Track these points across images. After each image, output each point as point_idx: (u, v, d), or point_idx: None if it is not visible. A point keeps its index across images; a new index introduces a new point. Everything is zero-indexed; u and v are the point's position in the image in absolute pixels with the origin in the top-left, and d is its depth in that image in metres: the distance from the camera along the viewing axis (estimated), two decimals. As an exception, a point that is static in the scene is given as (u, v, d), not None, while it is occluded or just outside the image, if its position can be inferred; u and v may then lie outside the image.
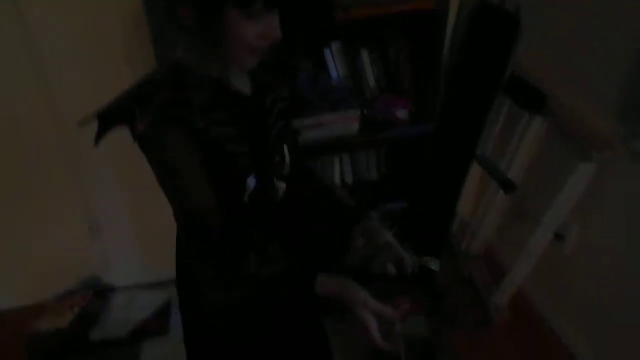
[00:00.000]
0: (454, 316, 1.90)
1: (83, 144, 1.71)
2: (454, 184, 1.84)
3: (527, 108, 1.65)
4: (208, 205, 0.79)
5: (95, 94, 1.58)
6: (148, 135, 0.73)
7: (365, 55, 1.65)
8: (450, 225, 2.04)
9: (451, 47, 1.70)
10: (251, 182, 0.85)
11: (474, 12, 1.69)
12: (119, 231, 1.94)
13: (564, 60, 1.62)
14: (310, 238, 1.10)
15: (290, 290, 0.83)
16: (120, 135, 1.77)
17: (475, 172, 2.07)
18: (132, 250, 2.00)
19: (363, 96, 1.71)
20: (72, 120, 1.60)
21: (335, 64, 1.67)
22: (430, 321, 1.88)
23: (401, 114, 1.64)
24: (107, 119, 0.77)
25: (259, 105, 0.89)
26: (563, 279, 1.79)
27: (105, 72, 1.60)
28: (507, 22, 1.53)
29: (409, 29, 1.58)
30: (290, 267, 0.84)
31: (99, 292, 1.97)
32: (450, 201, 1.87)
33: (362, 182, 1.94)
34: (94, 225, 1.91)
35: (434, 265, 0.93)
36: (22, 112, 1.62)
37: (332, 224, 1.06)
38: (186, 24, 0.75)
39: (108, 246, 1.96)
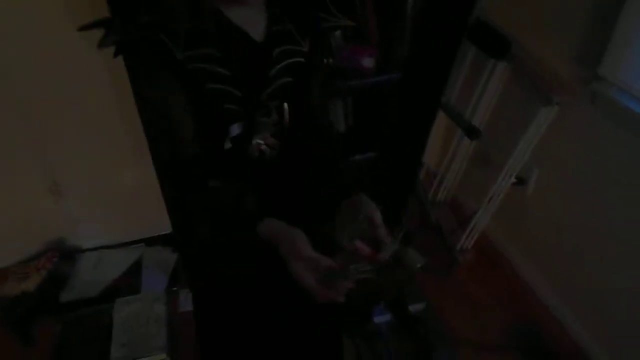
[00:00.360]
0: (422, 261, 1.97)
1: (37, 101, 1.63)
2: (420, 132, 1.86)
3: (491, 54, 1.66)
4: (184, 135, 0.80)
5: (47, 51, 1.51)
6: (124, 54, 0.75)
7: (329, 4, 1.60)
8: (417, 173, 2.08)
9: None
10: (234, 129, 0.81)
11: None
12: (82, 192, 1.88)
13: (527, 5, 1.62)
14: (298, 199, 1.04)
15: (236, 217, 0.82)
16: (79, 90, 1.68)
17: (440, 122, 2.09)
18: (98, 210, 1.95)
19: (329, 45, 1.67)
20: (24, 76, 1.53)
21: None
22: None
23: (367, 62, 1.62)
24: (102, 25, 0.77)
25: (265, 53, 0.83)
26: (524, 220, 1.87)
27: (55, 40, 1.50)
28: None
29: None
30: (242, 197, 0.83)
31: (65, 255, 1.92)
32: (416, 149, 1.90)
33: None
34: (54, 187, 1.84)
35: (415, 260, 0.82)
36: None
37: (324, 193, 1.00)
38: None
39: (71, 207, 1.90)
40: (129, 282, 1.86)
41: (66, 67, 1.57)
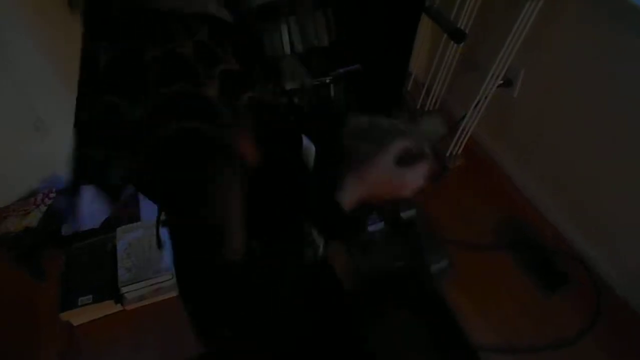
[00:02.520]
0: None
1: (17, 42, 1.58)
2: (405, 40, 1.82)
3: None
4: None
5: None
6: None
7: None
8: (403, 83, 2.06)
9: None
10: None
11: None
12: (66, 126, 1.87)
13: None
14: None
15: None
16: (53, 17, 1.60)
17: (426, 30, 2.04)
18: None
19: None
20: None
21: None
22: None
23: (345, -33, 1.54)
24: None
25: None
26: (511, 121, 1.88)
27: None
28: None
29: None
30: None
31: (63, 190, 1.95)
32: (402, 59, 1.86)
33: (313, 50, 1.89)
34: (40, 124, 1.83)
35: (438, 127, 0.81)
36: None
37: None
38: None
39: (59, 143, 1.90)
40: (129, 212, 1.91)
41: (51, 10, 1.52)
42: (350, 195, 0.72)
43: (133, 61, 0.53)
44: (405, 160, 0.73)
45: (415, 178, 0.74)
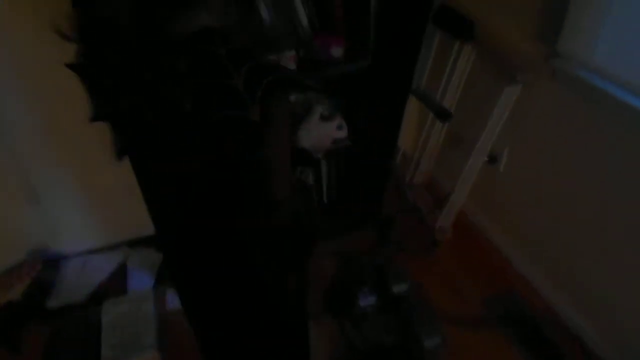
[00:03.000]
0: (402, 241, 2.02)
1: (9, 107, 1.62)
2: (393, 118, 1.90)
3: (456, 36, 1.71)
4: None
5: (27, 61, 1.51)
6: None
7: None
8: (392, 158, 2.12)
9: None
10: None
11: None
12: (59, 196, 1.88)
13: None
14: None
15: None
16: (51, 91, 1.65)
17: (414, 106, 2.14)
18: (78, 215, 1.95)
19: (297, 37, 1.69)
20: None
21: (265, 5, 1.63)
22: (381, 249, 1.99)
23: (336, 52, 1.65)
24: None
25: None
26: (498, 196, 1.93)
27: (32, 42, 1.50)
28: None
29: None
30: None
31: (49, 262, 1.92)
32: (390, 135, 1.94)
33: (305, 125, 1.96)
34: (31, 194, 1.83)
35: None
36: None
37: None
38: None
39: (50, 213, 1.89)
40: (115, 284, 1.87)
41: (39, 70, 1.57)
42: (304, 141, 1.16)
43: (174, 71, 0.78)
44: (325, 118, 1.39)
45: (332, 127, 1.15)
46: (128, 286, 1.87)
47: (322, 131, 1.72)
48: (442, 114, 1.77)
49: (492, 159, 1.84)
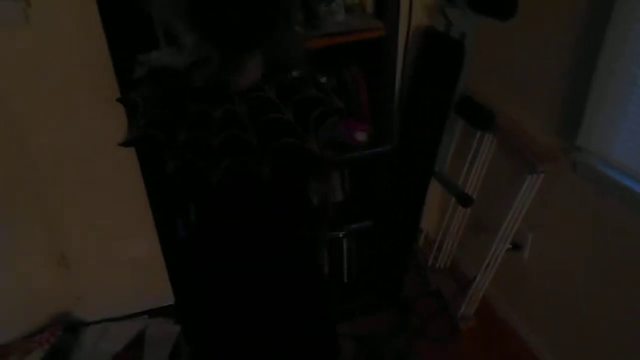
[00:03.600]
0: (423, 328, 1.97)
1: (50, 173, 1.73)
2: (416, 201, 1.93)
3: (477, 127, 1.76)
4: None
5: (62, 127, 1.63)
6: None
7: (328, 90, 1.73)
8: (414, 240, 2.12)
9: (403, 72, 1.81)
10: None
11: (423, 40, 1.81)
12: (88, 263, 1.94)
13: (509, 79, 1.74)
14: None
15: None
16: (89, 164, 1.77)
17: (437, 189, 2.16)
18: (103, 282, 1.99)
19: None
20: (36, 148, 1.63)
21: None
22: (400, 334, 1.94)
23: (360, 136, 1.72)
24: None
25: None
26: (523, 284, 1.88)
27: (70, 106, 1.64)
28: (453, 48, 1.65)
29: (364, 56, 1.67)
30: None
31: (69, 328, 1.94)
32: (412, 217, 1.96)
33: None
34: (62, 259, 1.90)
35: None
36: None
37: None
38: None
39: (78, 280, 1.94)
40: (132, 356, 1.87)
41: (79, 139, 1.70)
42: None
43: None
44: None
45: None
46: (144, 356, 1.87)
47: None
48: (464, 199, 1.79)
49: (516, 246, 1.82)
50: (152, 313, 2.05)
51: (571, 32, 1.42)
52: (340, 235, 1.91)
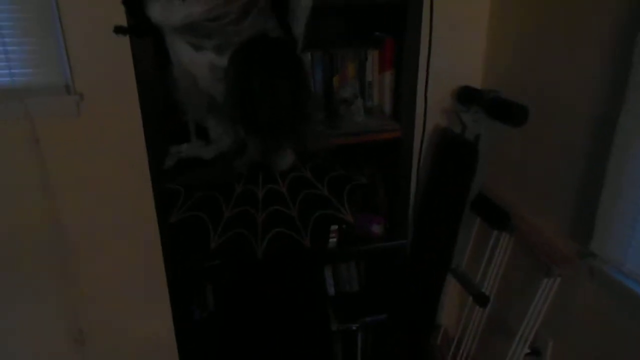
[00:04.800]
0: None
1: (77, 248, 1.82)
2: (431, 297, 1.91)
3: (492, 226, 1.78)
4: None
5: (94, 207, 1.75)
6: None
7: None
8: (430, 336, 2.07)
9: (419, 170, 1.89)
10: None
11: (438, 140, 1.90)
12: (103, 341, 1.97)
13: (523, 180, 1.78)
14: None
15: None
16: (114, 244, 1.86)
17: (456, 285, 2.14)
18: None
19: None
20: (64, 222, 1.74)
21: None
22: None
23: (376, 229, 1.77)
24: None
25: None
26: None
27: (105, 190, 1.77)
28: (467, 150, 1.72)
29: (382, 154, 1.76)
30: None
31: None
32: (428, 313, 1.93)
33: (344, 294, 2.01)
34: (78, 335, 1.93)
35: None
36: (15, 212, 1.74)
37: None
38: None
39: (92, 356, 1.96)
40: None
41: (109, 220, 1.80)
42: None
43: None
44: None
45: None
46: None
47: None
48: (480, 299, 1.76)
49: (536, 352, 1.75)
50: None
51: (581, 136, 1.47)
52: (354, 327, 1.89)
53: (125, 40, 1.28)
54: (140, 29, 1.21)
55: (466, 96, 1.82)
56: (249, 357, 1.26)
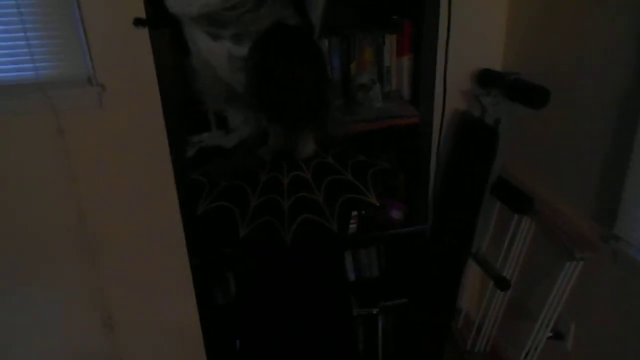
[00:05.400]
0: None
1: (101, 237, 1.87)
2: (452, 282, 1.91)
3: (514, 210, 1.76)
4: None
5: (119, 197, 1.79)
6: None
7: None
8: (450, 321, 2.07)
9: (438, 155, 1.88)
10: None
11: (458, 125, 1.88)
12: (133, 327, 2.02)
13: (545, 163, 1.76)
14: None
15: None
16: (140, 232, 1.89)
17: (478, 268, 2.14)
18: (145, 347, 2.07)
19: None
20: (90, 212, 1.79)
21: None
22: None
23: (396, 215, 1.77)
24: None
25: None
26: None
27: (129, 181, 1.81)
28: (487, 134, 1.70)
29: (401, 140, 1.75)
30: None
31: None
32: (449, 297, 1.93)
33: (364, 279, 2.03)
34: (108, 320, 1.99)
35: None
36: (43, 203, 1.79)
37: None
38: None
39: (121, 343, 2.03)
40: None
41: (134, 210, 1.85)
42: None
43: None
44: None
45: None
46: None
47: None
48: (501, 283, 1.76)
49: (558, 335, 1.74)
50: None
51: (605, 117, 1.45)
52: (375, 312, 1.91)
53: (144, 32, 1.29)
54: (159, 20, 1.22)
55: (486, 79, 1.80)
56: (271, 341, 1.28)
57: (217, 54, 1.27)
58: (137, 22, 1.24)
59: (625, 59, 1.34)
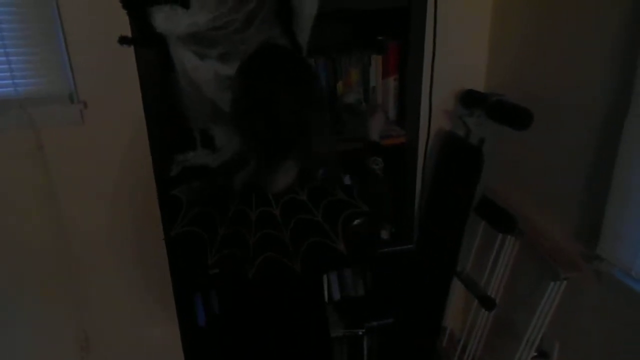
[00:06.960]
0: None
1: (83, 255, 1.82)
2: (437, 300, 1.91)
3: (498, 229, 1.78)
4: None
5: (101, 214, 1.75)
6: None
7: (347, 181, 1.81)
8: (435, 340, 2.06)
9: (424, 174, 1.88)
10: None
11: (443, 144, 1.90)
12: (108, 349, 1.96)
13: (527, 182, 1.78)
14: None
15: None
16: (120, 252, 1.86)
17: (462, 287, 2.14)
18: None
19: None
20: (70, 230, 1.74)
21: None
22: None
23: (383, 234, 1.77)
24: None
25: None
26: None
27: (110, 197, 1.77)
28: (471, 154, 1.72)
29: (387, 159, 1.75)
30: None
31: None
32: (434, 316, 1.92)
33: (349, 299, 2.01)
34: (84, 343, 1.93)
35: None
36: (26, 225, 1.75)
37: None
38: None
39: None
40: None
41: (113, 227, 1.81)
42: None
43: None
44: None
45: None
46: None
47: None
48: (486, 302, 1.76)
49: (543, 354, 1.75)
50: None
51: (587, 138, 1.47)
52: (360, 332, 1.89)
53: (128, 49, 1.27)
54: (145, 39, 1.21)
55: (469, 100, 1.82)
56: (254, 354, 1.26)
57: (203, 73, 1.25)
58: (123, 40, 1.22)
59: (608, 81, 1.37)
